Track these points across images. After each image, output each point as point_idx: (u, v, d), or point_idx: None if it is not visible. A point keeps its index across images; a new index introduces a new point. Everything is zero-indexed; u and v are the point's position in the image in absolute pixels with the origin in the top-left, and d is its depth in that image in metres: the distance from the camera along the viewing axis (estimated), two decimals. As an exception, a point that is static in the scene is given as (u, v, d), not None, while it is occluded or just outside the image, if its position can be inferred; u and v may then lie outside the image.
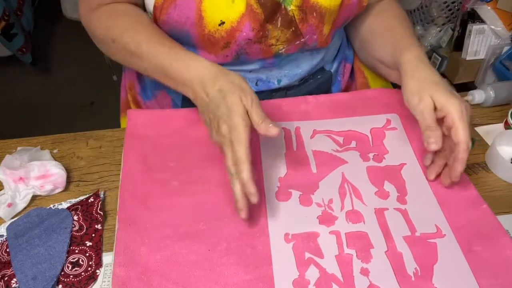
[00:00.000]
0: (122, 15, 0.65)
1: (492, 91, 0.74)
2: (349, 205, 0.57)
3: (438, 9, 1.41)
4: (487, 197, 0.59)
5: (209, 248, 0.52)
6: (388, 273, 0.50)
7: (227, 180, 0.59)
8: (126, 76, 0.83)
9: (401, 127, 0.68)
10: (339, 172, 0.61)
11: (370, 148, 0.65)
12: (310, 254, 0.51)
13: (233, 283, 0.49)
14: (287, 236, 0.53)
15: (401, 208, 0.57)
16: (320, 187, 0.59)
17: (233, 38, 0.62)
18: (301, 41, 0.66)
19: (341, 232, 0.54)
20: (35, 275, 0.49)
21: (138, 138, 0.65)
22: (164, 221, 0.55)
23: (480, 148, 0.68)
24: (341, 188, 0.59)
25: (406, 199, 0.58)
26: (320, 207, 0.57)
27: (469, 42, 1.37)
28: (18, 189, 0.58)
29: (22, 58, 1.91)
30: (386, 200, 0.58)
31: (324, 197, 0.58)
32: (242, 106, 0.52)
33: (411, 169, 0.62)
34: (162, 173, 0.61)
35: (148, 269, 0.50)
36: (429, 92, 0.57)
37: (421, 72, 0.60)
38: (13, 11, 1.84)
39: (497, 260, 0.51)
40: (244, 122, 0.51)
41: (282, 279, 0.49)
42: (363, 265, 0.51)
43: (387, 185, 0.60)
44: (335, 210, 0.56)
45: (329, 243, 0.53)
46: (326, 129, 0.67)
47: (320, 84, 0.77)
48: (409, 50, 0.63)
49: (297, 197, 0.58)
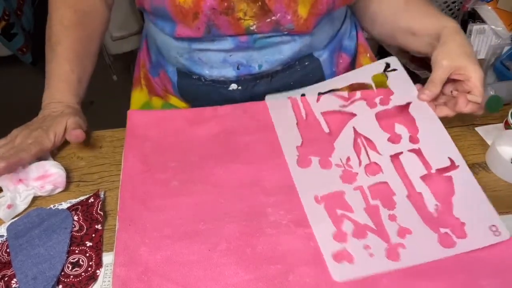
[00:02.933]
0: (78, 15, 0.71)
1: (492, 91, 0.74)
2: (366, 159, 0.61)
3: (438, 9, 1.41)
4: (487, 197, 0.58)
5: (209, 248, 0.52)
6: (413, 215, 0.55)
7: (227, 180, 0.59)
8: (140, 56, 0.88)
9: (401, 68, 0.70)
10: (350, 128, 0.65)
11: (374, 94, 0.68)
12: (342, 210, 0.56)
13: (233, 283, 0.49)
14: (317, 198, 0.57)
15: (414, 148, 0.61)
16: (336, 148, 0.63)
17: (199, 7, 0.64)
18: (272, 20, 0.66)
19: (364, 187, 0.58)
20: (35, 275, 0.49)
21: (138, 138, 0.65)
22: (164, 221, 0.55)
23: (480, 148, 0.68)
24: (355, 145, 0.63)
25: (418, 137, 0.62)
26: (340, 167, 0.61)
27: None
28: (18, 190, 0.58)
29: (22, 58, 1.91)
30: (400, 144, 0.62)
31: (342, 157, 0.62)
32: None
33: (418, 105, 0.65)
34: (162, 173, 0.61)
35: (148, 269, 0.50)
36: (460, 57, 0.63)
37: (460, 39, 0.65)
38: (13, 11, 1.84)
39: (498, 260, 0.51)
40: None
41: (323, 236, 0.53)
42: (389, 212, 0.55)
43: (398, 127, 0.64)
44: (354, 167, 0.61)
45: (356, 199, 0.57)
46: (329, 89, 0.71)
47: (309, 72, 0.76)
48: (446, 19, 0.68)
49: (317, 162, 0.62)
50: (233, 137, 0.66)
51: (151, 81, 0.84)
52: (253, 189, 0.59)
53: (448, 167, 0.58)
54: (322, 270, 0.50)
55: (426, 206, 0.56)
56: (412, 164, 0.60)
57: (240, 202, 0.57)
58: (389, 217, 0.55)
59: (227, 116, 0.70)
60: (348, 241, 0.53)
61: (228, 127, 0.68)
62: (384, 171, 0.60)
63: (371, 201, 0.57)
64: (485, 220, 0.53)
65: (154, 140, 0.65)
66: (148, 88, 0.84)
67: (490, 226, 0.53)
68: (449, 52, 0.64)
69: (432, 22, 0.69)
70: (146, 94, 0.84)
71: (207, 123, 0.68)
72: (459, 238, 0.52)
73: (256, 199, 0.58)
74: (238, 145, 0.65)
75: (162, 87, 0.82)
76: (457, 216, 0.54)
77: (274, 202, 0.57)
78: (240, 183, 0.60)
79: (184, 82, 0.76)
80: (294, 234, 0.54)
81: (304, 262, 0.51)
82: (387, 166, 0.60)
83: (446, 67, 0.64)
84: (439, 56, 0.64)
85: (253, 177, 0.60)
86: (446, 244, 0.52)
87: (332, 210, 0.56)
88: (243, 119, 0.69)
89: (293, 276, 0.50)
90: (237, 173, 0.61)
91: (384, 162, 0.60)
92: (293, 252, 0.52)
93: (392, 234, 0.53)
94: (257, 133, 0.67)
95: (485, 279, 0.49)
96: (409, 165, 0.60)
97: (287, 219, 0.55)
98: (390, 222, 0.54)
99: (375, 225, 0.54)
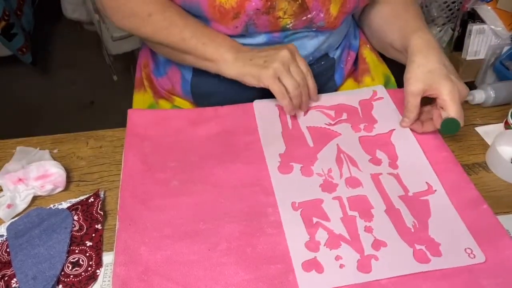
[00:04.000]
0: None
1: (492, 91, 0.74)
2: (347, 173, 0.62)
3: (438, 9, 1.41)
4: (487, 197, 0.58)
5: (209, 248, 0.52)
6: (389, 228, 0.54)
7: (228, 180, 0.59)
8: (141, 56, 0.89)
9: (387, 96, 0.73)
10: (334, 144, 0.66)
11: (360, 119, 0.70)
12: (317, 218, 0.55)
13: (233, 282, 0.49)
14: (294, 205, 0.57)
15: (393, 173, 0.62)
16: (318, 159, 0.63)
17: (243, 8, 0.64)
18: (308, 17, 0.68)
19: (343, 197, 0.58)
20: (35, 275, 0.49)
21: (139, 138, 0.65)
22: (165, 220, 0.55)
23: (480, 148, 0.68)
24: (337, 158, 0.64)
25: (397, 164, 0.63)
26: (321, 176, 0.61)
27: (469, 42, 1.37)
28: (18, 190, 0.58)
29: (22, 58, 1.91)
30: (380, 166, 0.63)
31: (323, 167, 0.62)
32: None
33: (400, 133, 0.67)
34: (163, 172, 0.61)
35: (149, 268, 0.50)
36: (426, 77, 0.62)
37: (422, 58, 0.64)
38: (13, 11, 1.84)
39: (498, 260, 0.51)
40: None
41: (295, 243, 0.53)
42: (366, 223, 0.55)
43: (379, 153, 0.65)
44: (335, 178, 0.61)
45: (333, 208, 0.57)
46: (317, 105, 0.72)
47: (323, 71, 0.78)
48: (416, 35, 0.66)
49: (298, 170, 0.62)
50: (233, 137, 0.66)
51: (154, 83, 0.84)
52: (253, 189, 0.59)
53: (425, 191, 0.59)
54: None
55: (403, 221, 0.55)
56: (391, 185, 0.60)
57: (240, 202, 0.57)
58: (365, 229, 0.54)
59: (227, 116, 0.70)
60: (320, 250, 0.52)
61: (228, 127, 0.68)
62: (364, 186, 0.60)
63: (349, 212, 0.56)
64: (461, 242, 0.53)
65: (154, 139, 0.65)
66: (153, 90, 0.84)
67: (465, 248, 0.52)
68: (415, 75, 0.63)
69: (402, 38, 0.69)
70: (151, 96, 0.84)
71: (207, 123, 0.68)
72: (434, 256, 0.51)
73: (256, 199, 0.58)
74: (238, 145, 0.65)
75: (167, 88, 0.81)
76: (433, 237, 0.53)
77: (274, 202, 0.57)
78: (240, 183, 0.60)
79: (199, 79, 0.76)
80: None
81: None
82: (367, 182, 0.60)
83: (416, 93, 0.63)
84: (407, 82, 0.64)
85: (253, 177, 0.60)
86: (421, 259, 0.51)
87: (308, 217, 0.55)
88: (243, 119, 0.69)
89: (293, 276, 0.50)
90: (237, 173, 0.61)
91: (364, 178, 0.61)
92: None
93: (367, 246, 0.52)
94: (257, 133, 0.67)
95: (486, 279, 0.49)
96: (388, 185, 0.60)
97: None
98: (365, 234, 0.54)
99: (350, 235, 0.53)
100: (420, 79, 0.62)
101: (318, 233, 0.54)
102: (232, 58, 0.66)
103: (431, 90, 0.62)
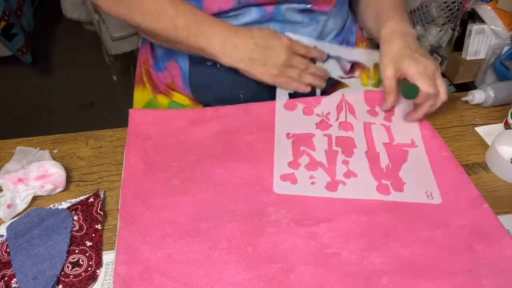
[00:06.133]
0: None
1: (492, 91, 0.74)
2: (343, 117, 0.70)
3: (438, 9, 1.41)
4: (487, 197, 0.58)
5: (210, 247, 0.52)
6: (363, 165, 0.62)
7: (229, 179, 0.59)
8: (141, 52, 0.89)
9: None
10: (340, 93, 0.73)
11: (371, 75, 0.75)
12: (305, 147, 0.65)
13: (234, 281, 0.49)
14: (289, 135, 0.66)
15: (385, 125, 0.69)
16: (321, 103, 0.72)
17: None
18: None
19: (332, 135, 0.67)
20: (35, 275, 0.49)
21: (140, 137, 0.65)
22: (166, 219, 0.55)
23: (480, 148, 0.68)
24: (339, 105, 0.72)
25: (392, 118, 0.70)
26: (319, 117, 0.70)
27: (469, 42, 1.37)
28: (17, 190, 0.58)
29: (22, 58, 1.91)
30: (375, 117, 0.70)
31: (324, 110, 0.71)
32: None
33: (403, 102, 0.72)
34: (164, 172, 0.61)
35: (150, 267, 0.50)
36: (393, 60, 0.67)
37: (388, 47, 0.69)
38: (13, 11, 1.85)
39: (498, 260, 0.51)
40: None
41: (280, 161, 0.62)
42: (345, 158, 0.63)
43: (378, 108, 0.71)
44: (331, 119, 0.69)
45: (321, 142, 0.66)
46: (338, 55, 0.75)
47: None
48: (384, 25, 0.71)
49: (301, 109, 0.71)
50: (234, 136, 0.66)
51: (153, 78, 0.84)
52: (254, 188, 0.59)
53: (409, 144, 0.66)
54: (323, 269, 0.50)
55: (379, 163, 0.63)
56: (379, 134, 0.67)
57: (241, 201, 0.57)
58: (343, 162, 0.63)
59: (228, 116, 0.70)
60: (299, 169, 0.61)
61: (229, 126, 0.68)
62: (354, 130, 0.67)
63: (334, 147, 0.65)
64: (425, 185, 0.60)
65: (155, 139, 0.66)
66: (152, 85, 0.84)
67: (426, 190, 0.59)
68: (383, 63, 0.68)
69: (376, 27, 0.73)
70: (150, 92, 0.84)
71: (208, 122, 0.69)
72: (396, 191, 0.59)
73: (257, 198, 0.58)
74: (239, 144, 0.65)
75: (166, 82, 0.82)
76: (401, 177, 0.61)
77: (275, 201, 0.57)
78: (241, 182, 0.60)
79: (196, 70, 0.75)
80: (295, 233, 0.54)
81: (304, 261, 0.51)
82: (359, 128, 0.68)
83: (388, 77, 0.67)
84: (380, 70, 0.69)
85: (254, 176, 0.60)
86: (382, 191, 0.59)
87: (297, 145, 0.65)
88: (244, 118, 0.69)
89: (294, 275, 0.50)
90: (238, 172, 0.61)
91: (357, 125, 0.68)
92: (293, 251, 0.52)
93: (339, 174, 0.61)
94: (258, 133, 0.67)
95: (486, 279, 0.49)
96: (377, 134, 0.67)
97: (288, 218, 0.56)
98: (341, 165, 0.62)
99: (328, 164, 0.62)
100: (388, 65, 0.67)
101: (302, 158, 0.63)
102: (224, 51, 0.66)
103: (400, 71, 0.67)
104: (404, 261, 0.51)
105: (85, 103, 1.92)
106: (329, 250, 0.52)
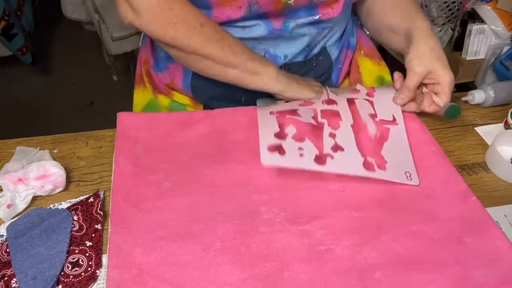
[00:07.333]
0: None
1: (492, 91, 0.74)
2: (325, 96, 0.71)
3: (438, 9, 1.41)
4: (487, 197, 0.59)
5: (204, 248, 0.52)
6: (350, 139, 0.63)
7: (220, 180, 0.59)
8: (141, 52, 0.89)
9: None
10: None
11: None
12: (290, 115, 0.65)
13: (228, 282, 0.49)
14: (272, 113, 0.66)
15: (368, 99, 0.71)
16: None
17: None
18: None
19: (317, 109, 0.67)
20: (35, 275, 0.49)
21: (129, 141, 0.65)
22: (157, 222, 0.54)
23: (480, 148, 0.68)
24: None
25: (373, 94, 0.72)
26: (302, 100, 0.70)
27: (469, 42, 1.37)
28: (17, 190, 0.58)
29: (22, 58, 1.91)
30: (357, 94, 0.72)
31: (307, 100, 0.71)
32: None
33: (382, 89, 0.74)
34: (154, 174, 0.60)
35: (143, 270, 0.49)
36: (432, 62, 0.66)
37: (432, 42, 0.68)
38: (13, 11, 1.85)
39: (488, 251, 0.52)
40: None
41: (265, 133, 0.61)
42: (331, 130, 0.64)
43: (359, 86, 0.74)
44: (314, 100, 0.70)
45: (306, 113, 0.66)
46: None
47: (320, 69, 0.79)
48: (422, 19, 0.71)
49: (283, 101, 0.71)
50: (224, 136, 0.66)
51: (154, 78, 0.83)
52: (245, 188, 0.59)
53: (390, 121, 0.68)
54: (317, 266, 0.50)
55: (366, 134, 0.65)
56: (364, 107, 0.69)
57: (233, 201, 0.57)
58: (330, 134, 0.63)
59: (217, 116, 0.70)
60: (286, 140, 0.60)
61: (218, 127, 0.68)
62: (338, 104, 0.68)
63: (320, 119, 0.65)
64: (404, 166, 0.62)
65: (145, 142, 0.65)
66: (152, 85, 0.84)
67: (406, 172, 0.61)
68: (421, 57, 0.67)
69: (406, 21, 0.73)
70: (151, 92, 0.84)
71: (197, 124, 0.68)
72: (379, 169, 0.60)
73: (249, 198, 0.58)
74: (229, 144, 0.65)
75: (166, 82, 0.81)
76: (383, 155, 0.63)
77: (267, 200, 0.57)
78: (233, 182, 0.60)
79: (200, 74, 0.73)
80: (288, 232, 0.54)
81: (298, 259, 0.51)
82: (342, 102, 0.69)
83: (420, 74, 0.67)
84: (414, 62, 0.67)
85: (245, 176, 0.60)
86: (368, 168, 0.60)
87: (282, 117, 0.64)
88: (233, 119, 0.69)
89: (288, 273, 0.50)
90: (230, 172, 0.61)
91: (340, 100, 0.69)
92: (287, 250, 0.52)
93: (327, 147, 0.61)
94: (248, 132, 0.67)
95: (476, 270, 0.50)
96: (361, 106, 0.69)
97: (281, 216, 0.56)
98: (328, 138, 0.62)
99: (315, 136, 0.62)
100: (430, 61, 0.66)
101: (288, 128, 0.62)
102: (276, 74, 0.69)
103: (433, 75, 0.67)
104: (396, 255, 0.52)
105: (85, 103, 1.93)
106: (322, 247, 0.52)
